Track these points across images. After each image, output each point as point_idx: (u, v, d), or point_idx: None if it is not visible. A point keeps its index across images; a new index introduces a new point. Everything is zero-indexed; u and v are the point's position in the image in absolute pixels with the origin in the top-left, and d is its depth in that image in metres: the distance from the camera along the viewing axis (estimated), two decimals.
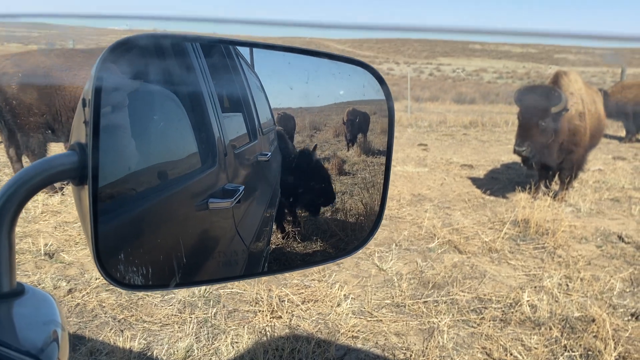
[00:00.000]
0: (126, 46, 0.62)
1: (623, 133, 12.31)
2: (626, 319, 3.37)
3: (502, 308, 3.45)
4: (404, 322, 3.22)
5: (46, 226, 4.60)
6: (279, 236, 1.01)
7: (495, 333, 3.12)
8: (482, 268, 4.15)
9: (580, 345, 2.99)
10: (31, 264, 3.77)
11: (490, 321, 3.26)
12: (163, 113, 0.81)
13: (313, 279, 3.77)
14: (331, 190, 1.03)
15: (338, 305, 3.36)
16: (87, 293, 3.38)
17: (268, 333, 2.97)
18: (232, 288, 3.51)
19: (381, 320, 3.22)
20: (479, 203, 6.13)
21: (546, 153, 5.76)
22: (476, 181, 7.21)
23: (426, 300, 3.53)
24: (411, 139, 11.28)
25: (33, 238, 4.20)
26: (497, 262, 4.32)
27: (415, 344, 2.97)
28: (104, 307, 3.21)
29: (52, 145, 5.71)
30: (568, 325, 3.24)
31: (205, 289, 3.43)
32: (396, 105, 18.18)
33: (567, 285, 3.86)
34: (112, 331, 2.94)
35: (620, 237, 5.01)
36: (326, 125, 1.02)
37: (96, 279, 3.54)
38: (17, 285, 0.61)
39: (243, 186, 0.94)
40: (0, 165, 6.82)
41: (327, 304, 3.38)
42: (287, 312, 3.24)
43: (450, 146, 10.66)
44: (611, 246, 4.78)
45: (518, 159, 6.29)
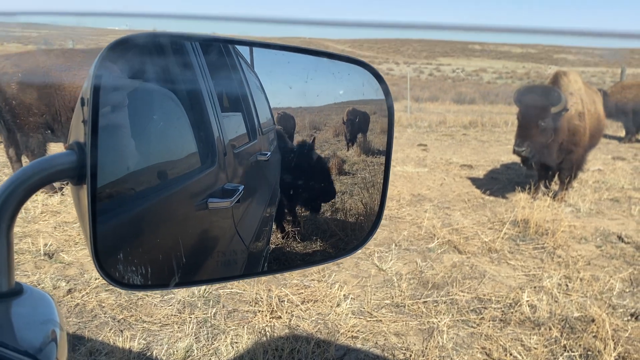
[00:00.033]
0: (125, 45, 0.62)
1: (623, 133, 12.32)
2: (626, 319, 3.37)
3: (502, 308, 3.45)
4: (404, 322, 3.21)
5: (46, 226, 4.60)
6: (279, 236, 1.01)
7: (494, 333, 3.12)
8: (482, 268, 4.15)
9: (579, 345, 2.98)
10: (31, 264, 3.77)
11: (489, 321, 3.26)
12: (162, 112, 0.80)
13: (313, 279, 3.76)
14: (331, 184, 1.02)
15: (338, 305, 3.36)
16: (87, 293, 3.37)
17: (268, 333, 2.97)
18: (232, 288, 3.51)
19: (381, 320, 3.22)
20: (479, 203, 6.13)
21: (546, 153, 5.76)
22: (476, 181, 7.21)
23: (426, 300, 3.53)
24: (411, 139, 11.28)
25: (32, 238, 4.20)
26: (497, 262, 4.31)
27: (414, 344, 2.97)
28: (104, 307, 3.21)
29: (52, 145, 5.70)
30: (568, 325, 3.24)
31: (204, 289, 3.43)
32: (396, 105, 18.17)
33: (567, 285, 3.86)
34: (112, 331, 2.94)
35: (619, 237, 5.01)
36: (326, 124, 1.02)
37: (96, 279, 3.54)
38: (16, 285, 0.61)
39: (242, 186, 0.93)
40: None
41: (327, 304, 3.37)
42: (287, 312, 3.23)
43: (449, 146, 10.66)
44: (611, 246, 4.78)
45: (518, 159, 6.29)
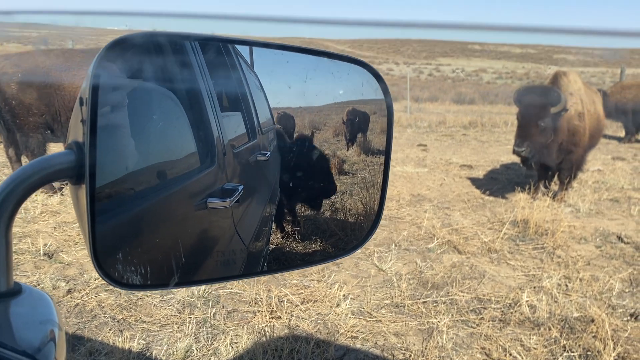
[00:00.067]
0: (123, 45, 0.62)
1: (622, 133, 12.32)
2: (625, 319, 3.37)
3: (502, 308, 3.45)
4: (403, 323, 3.21)
5: (45, 226, 4.60)
6: (279, 236, 1.01)
7: (494, 333, 3.12)
8: (482, 268, 4.15)
9: (579, 345, 2.98)
10: (30, 264, 3.76)
11: (489, 321, 3.25)
12: (162, 112, 0.80)
13: (312, 279, 3.76)
14: (332, 179, 1.02)
15: (337, 305, 3.36)
16: (87, 293, 3.37)
17: (267, 333, 2.96)
18: (232, 288, 3.51)
19: (380, 320, 3.22)
20: (479, 203, 6.13)
21: (545, 153, 5.76)
22: (475, 181, 7.21)
23: (425, 300, 3.53)
24: (410, 140, 11.28)
25: (32, 238, 4.20)
26: (497, 263, 4.31)
27: (414, 344, 2.97)
28: (103, 308, 3.20)
29: (52, 145, 5.70)
30: (567, 325, 3.24)
31: (204, 289, 3.43)
32: (395, 105, 18.17)
33: (567, 285, 3.86)
34: (112, 331, 2.93)
35: (619, 238, 5.01)
36: (326, 124, 1.02)
37: (95, 279, 3.54)
38: (14, 284, 0.61)
39: (242, 186, 0.93)
40: None
41: (327, 304, 3.37)
42: (287, 313, 3.23)
43: (449, 146, 10.66)
44: (610, 246, 4.78)
45: (517, 159, 6.29)
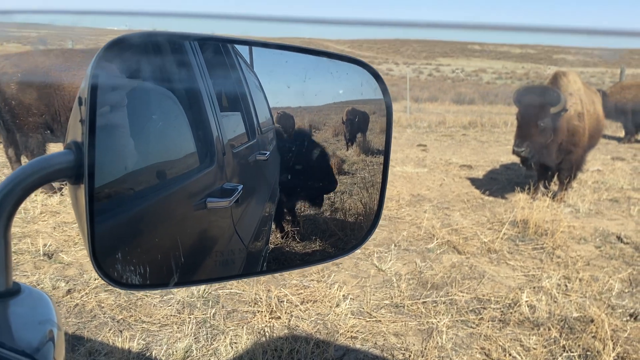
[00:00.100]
0: (122, 45, 0.62)
1: (622, 133, 12.33)
2: (625, 320, 3.37)
3: (501, 308, 3.45)
4: (403, 323, 3.21)
5: (45, 226, 4.59)
6: (278, 235, 1.01)
7: (494, 333, 3.12)
8: (481, 268, 4.15)
9: (579, 345, 2.98)
10: (30, 265, 3.76)
11: (489, 321, 3.25)
12: (161, 112, 0.80)
13: (312, 280, 3.76)
14: (332, 173, 1.02)
15: (337, 305, 3.36)
16: (86, 293, 3.37)
17: (267, 333, 2.96)
18: (231, 288, 3.51)
19: (380, 320, 3.22)
20: (478, 203, 6.13)
21: (545, 153, 5.76)
22: (475, 182, 7.21)
23: (425, 300, 3.53)
24: (410, 140, 11.28)
25: (32, 238, 4.20)
26: (496, 263, 4.31)
27: (414, 345, 2.97)
28: (103, 308, 3.20)
29: (52, 145, 5.70)
30: (567, 325, 3.24)
31: (204, 290, 3.43)
32: (395, 105, 18.17)
33: (566, 285, 3.86)
34: (111, 331, 2.93)
35: (619, 238, 5.01)
36: (325, 124, 1.02)
37: (95, 280, 3.54)
38: (14, 284, 0.61)
39: (241, 185, 0.93)
40: None
41: (326, 305, 3.37)
42: (286, 313, 3.23)
43: (449, 147, 10.66)
44: (610, 247, 4.78)
45: (517, 160, 6.29)
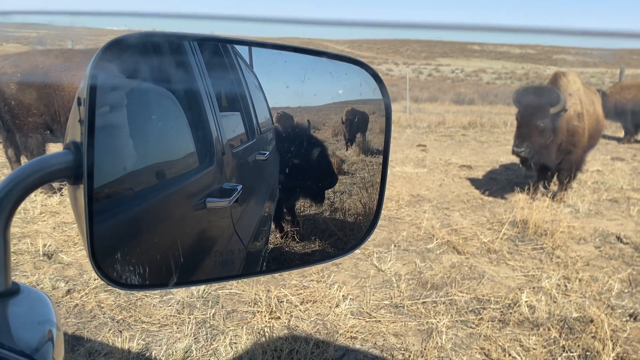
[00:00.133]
0: (120, 45, 0.62)
1: (622, 134, 12.34)
2: (624, 320, 3.38)
3: (501, 309, 3.45)
4: (403, 323, 3.21)
5: (45, 227, 4.59)
6: (278, 236, 1.01)
7: (493, 334, 3.12)
8: (481, 269, 4.15)
9: (578, 345, 2.98)
10: (30, 265, 3.76)
11: (488, 322, 3.25)
12: (160, 112, 0.80)
13: (312, 280, 3.76)
14: (331, 167, 1.02)
15: (337, 305, 3.36)
16: (86, 294, 3.37)
17: (267, 334, 2.96)
18: (231, 289, 3.51)
19: (380, 320, 3.22)
20: (478, 204, 6.13)
21: (545, 154, 5.76)
22: (475, 182, 7.21)
23: (425, 300, 3.53)
24: (410, 140, 11.28)
25: (31, 239, 4.19)
26: (496, 263, 4.32)
27: (413, 345, 2.97)
28: (103, 308, 3.20)
29: (51, 145, 5.70)
30: (566, 325, 3.24)
31: (203, 290, 3.42)
32: (395, 106, 18.17)
33: (566, 285, 3.86)
34: (111, 332, 2.93)
35: (618, 238, 5.01)
36: (325, 124, 1.02)
37: (94, 280, 3.54)
38: (13, 284, 0.61)
39: (241, 185, 0.93)
40: None
41: (326, 305, 3.37)
42: (286, 313, 3.23)
43: (449, 147, 10.66)
44: (609, 247, 4.78)
45: (517, 160, 6.30)
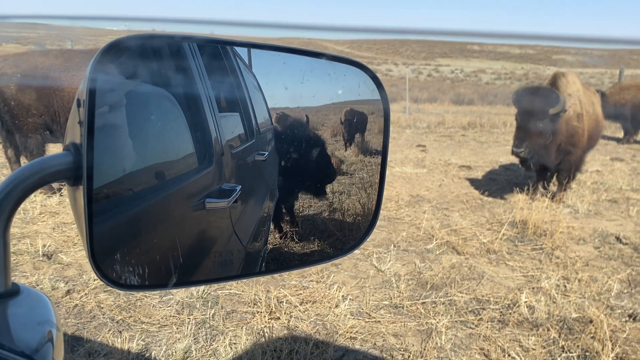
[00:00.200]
0: (120, 47, 0.62)
1: (621, 134, 12.35)
2: (624, 320, 3.38)
3: (500, 309, 3.45)
4: (402, 323, 3.21)
5: (44, 227, 4.59)
6: (277, 236, 1.01)
7: (493, 334, 3.12)
8: (480, 269, 4.15)
9: (577, 346, 2.99)
10: (29, 265, 3.76)
11: (488, 322, 3.26)
12: (160, 113, 0.80)
13: (311, 280, 3.76)
14: (330, 162, 1.02)
15: (336, 306, 3.36)
16: (86, 294, 3.37)
17: (266, 334, 2.96)
18: (230, 289, 3.51)
19: (379, 321, 3.22)
20: (477, 204, 6.14)
21: (544, 154, 5.77)
22: (474, 182, 7.21)
23: (424, 301, 3.53)
24: (409, 140, 11.29)
25: (31, 239, 4.19)
26: (495, 263, 4.32)
27: (413, 345, 2.97)
28: (102, 308, 3.20)
29: (51, 146, 5.70)
30: (566, 326, 3.24)
31: (203, 290, 3.43)
32: (394, 106, 18.18)
33: (565, 286, 3.87)
34: (111, 332, 2.93)
35: (618, 238, 5.01)
36: (324, 125, 1.02)
37: (94, 280, 3.54)
38: (12, 285, 0.61)
39: (240, 186, 0.93)
40: None
41: (326, 305, 3.37)
42: (286, 313, 3.23)
43: (448, 147, 10.66)
44: (609, 247, 4.78)
45: (516, 160, 6.30)
